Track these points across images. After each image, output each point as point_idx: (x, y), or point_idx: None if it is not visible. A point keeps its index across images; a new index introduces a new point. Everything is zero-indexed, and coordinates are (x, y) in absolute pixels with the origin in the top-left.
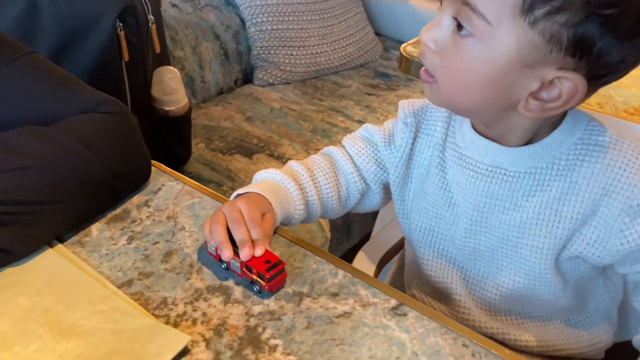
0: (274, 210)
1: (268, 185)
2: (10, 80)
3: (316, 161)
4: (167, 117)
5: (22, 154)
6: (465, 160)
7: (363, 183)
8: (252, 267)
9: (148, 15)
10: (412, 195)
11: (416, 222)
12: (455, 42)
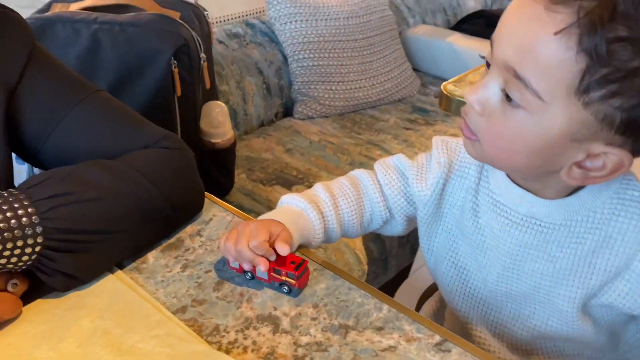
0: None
1: (290, 213)
2: (81, 116)
3: (342, 186)
4: (214, 148)
5: (92, 186)
6: (500, 207)
7: (388, 212)
8: (280, 269)
9: (200, 53)
10: (445, 233)
11: (448, 260)
12: (503, 110)
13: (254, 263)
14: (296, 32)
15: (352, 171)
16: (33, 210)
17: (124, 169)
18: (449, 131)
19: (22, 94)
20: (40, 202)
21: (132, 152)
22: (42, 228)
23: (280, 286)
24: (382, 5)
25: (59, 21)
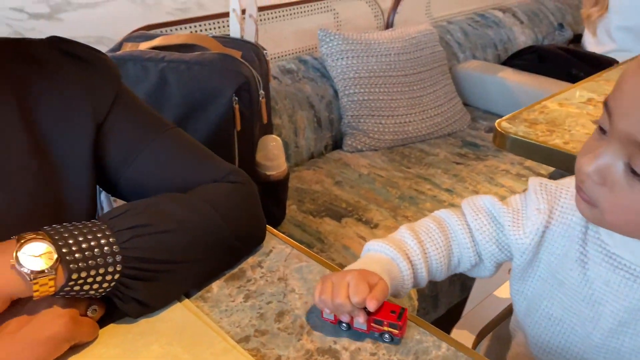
0: (386, 283)
1: (381, 262)
2: (157, 151)
3: (430, 230)
4: (268, 180)
5: (166, 218)
6: (616, 259)
7: (477, 257)
8: (382, 320)
9: (259, 90)
10: (539, 281)
11: (542, 311)
12: (630, 184)
13: (353, 315)
14: (347, 67)
15: (437, 211)
16: (114, 240)
17: (195, 202)
18: (501, 166)
19: (107, 129)
20: (120, 233)
21: (202, 185)
22: (121, 257)
23: (381, 336)
24: (433, 42)
25: (130, 59)
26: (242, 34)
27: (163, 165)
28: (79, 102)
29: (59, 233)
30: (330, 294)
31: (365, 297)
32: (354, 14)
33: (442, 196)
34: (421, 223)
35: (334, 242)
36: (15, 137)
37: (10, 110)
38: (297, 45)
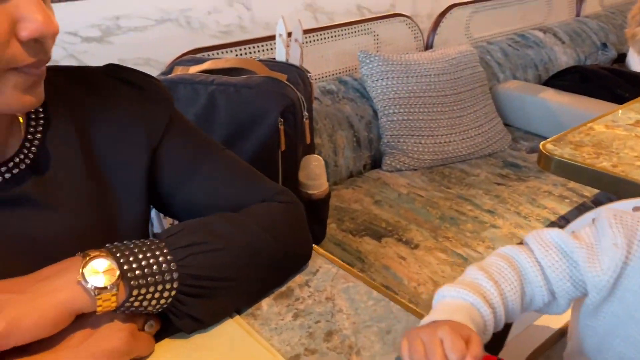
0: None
1: (462, 309)
2: (209, 173)
3: (502, 270)
4: (310, 199)
5: (220, 237)
6: None
7: (550, 296)
8: None
9: (304, 111)
10: (613, 316)
11: (615, 348)
12: None
13: None
14: (387, 88)
15: (503, 248)
16: (171, 258)
17: (247, 222)
18: (543, 188)
19: (161, 153)
20: (177, 251)
21: (253, 205)
22: (178, 274)
23: None
24: (473, 62)
25: (181, 82)
26: (287, 57)
27: (214, 186)
28: (134, 126)
29: (121, 250)
30: (423, 354)
31: (464, 355)
32: (393, 35)
33: (484, 217)
34: (491, 262)
35: (374, 262)
36: (72, 159)
37: (69, 134)
38: (337, 66)
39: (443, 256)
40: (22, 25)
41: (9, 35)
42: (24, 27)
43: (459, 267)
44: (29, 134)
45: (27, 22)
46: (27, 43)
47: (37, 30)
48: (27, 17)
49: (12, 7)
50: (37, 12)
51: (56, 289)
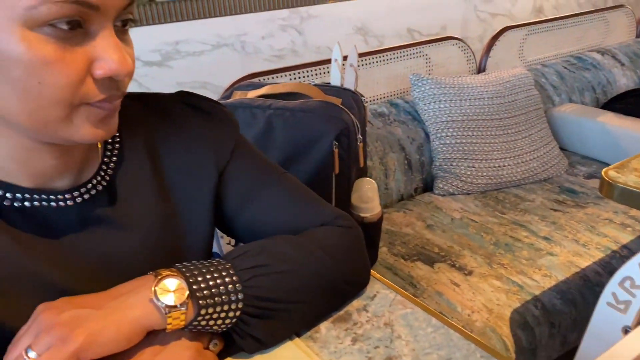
0: None
1: None
2: (271, 196)
3: None
4: (362, 222)
5: (283, 259)
6: None
7: None
8: None
9: (358, 135)
10: None
11: None
12: None
13: None
14: (439, 111)
15: None
16: (237, 279)
17: (308, 245)
18: (603, 215)
19: (227, 176)
20: (242, 272)
21: (313, 229)
22: (243, 295)
23: None
24: (528, 85)
25: (240, 106)
26: (342, 81)
27: (276, 209)
28: (202, 150)
29: (190, 270)
30: None
31: None
32: (445, 58)
33: (540, 244)
34: None
35: (426, 288)
36: (145, 181)
37: (142, 157)
38: (388, 89)
39: (498, 283)
40: (98, 65)
41: (85, 74)
42: (99, 67)
43: (514, 295)
44: (105, 157)
45: (103, 62)
46: (101, 80)
47: (111, 70)
48: (104, 57)
49: (91, 47)
50: (114, 52)
51: (130, 306)
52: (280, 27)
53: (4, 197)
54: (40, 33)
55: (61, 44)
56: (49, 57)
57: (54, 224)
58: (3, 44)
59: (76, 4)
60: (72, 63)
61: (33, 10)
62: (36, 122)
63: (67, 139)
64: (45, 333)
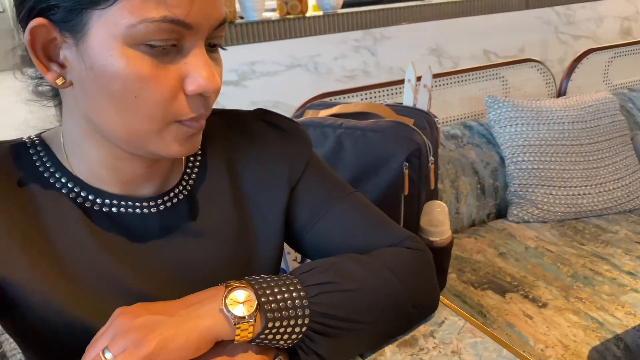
0: None
1: None
2: (340, 213)
3: None
4: (431, 247)
5: (349, 278)
6: None
7: None
8: None
9: (429, 156)
10: None
11: None
12: None
13: None
14: (516, 134)
15: None
16: (304, 294)
17: (376, 265)
18: None
19: (299, 192)
20: (309, 288)
21: (381, 249)
22: (309, 311)
23: None
24: (613, 110)
25: (311, 125)
26: (415, 102)
27: (344, 227)
28: (277, 166)
29: (259, 283)
30: None
31: None
32: (523, 80)
33: (624, 279)
34: None
35: (497, 318)
36: (222, 193)
37: (221, 170)
38: (462, 111)
39: (575, 318)
40: (189, 81)
41: (178, 90)
42: (190, 83)
43: (593, 332)
44: (187, 169)
45: (193, 78)
46: (192, 97)
47: (201, 86)
48: (194, 74)
49: (183, 64)
50: (204, 69)
51: (201, 315)
52: (353, 48)
53: (94, 202)
54: (138, 50)
55: (156, 61)
56: (145, 73)
57: (137, 230)
58: (106, 59)
59: (171, 23)
60: (165, 79)
61: (132, 29)
62: (130, 134)
63: (154, 152)
64: (121, 336)
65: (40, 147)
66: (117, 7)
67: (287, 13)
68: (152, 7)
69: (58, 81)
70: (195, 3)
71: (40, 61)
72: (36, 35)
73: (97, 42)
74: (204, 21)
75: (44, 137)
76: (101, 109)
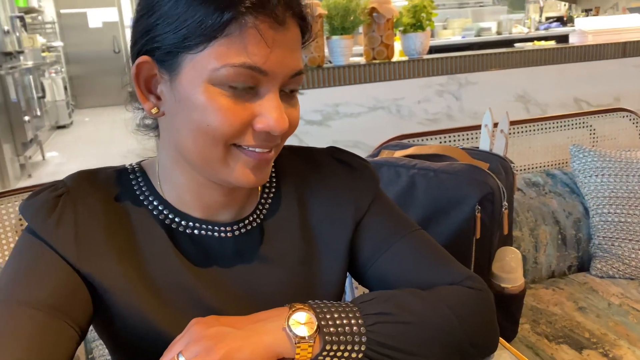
0: None
1: None
2: (403, 249)
3: None
4: (502, 293)
5: (408, 311)
6: None
7: None
8: None
9: (503, 201)
10: None
11: None
12: None
13: None
14: (602, 185)
15: None
16: (362, 322)
17: (435, 301)
18: None
19: (363, 226)
20: (368, 317)
21: (441, 286)
22: (366, 339)
23: None
24: None
25: (385, 164)
26: (491, 147)
27: (406, 262)
28: (344, 201)
29: (320, 307)
30: None
31: None
32: (612, 130)
33: None
34: None
35: None
36: (292, 222)
37: (292, 202)
38: (545, 159)
39: None
40: (259, 120)
41: (247, 125)
42: (259, 121)
43: None
44: (262, 199)
45: (263, 118)
46: (258, 133)
47: (269, 127)
48: (265, 114)
49: (257, 104)
50: (274, 112)
51: (266, 331)
52: (437, 92)
53: (179, 224)
54: (219, 88)
55: (233, 98)
56: (222, 106)
57: (214, 251)
58: (191, 93)
59: (249, 69)
60: (238, 114)
61: (216, 71)
62: (202, 160)
63: (225, 180)
64: (194, 343)
65: (139, 174)
66: (206, 52)
67: (373, 58)
68: (234, 54)
69: (153, 110)
70: (273, 54)
71: (141, 92)
72: (141, 70)
73: (187, 80)
74: (280, 70)
75: (142, 165)
76: (183, 136)
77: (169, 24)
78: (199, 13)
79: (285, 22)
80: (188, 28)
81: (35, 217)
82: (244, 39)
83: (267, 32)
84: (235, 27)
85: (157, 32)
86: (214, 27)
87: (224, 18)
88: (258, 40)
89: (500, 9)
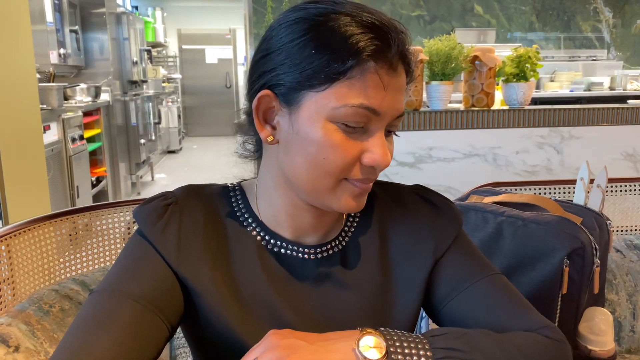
0: None
1: None
2: (481, 290)
3: None
4: (589, 356)
5: (480, 352)
6: None
7: None
8: None
9: (595, 258)
10: None
11: None
12: None
13: None
14: None
15: None
16: (430, 355)
17: (508, 346)
18: None
19: (442, 263)
20: (437, 350)
21: (517, 332)
22: None
23: None
24: None
25: (472, 209)
26: (586, 201)
27: (482, 304)
28: (425, 238)
29: (390, 335)
30: None
31: None
32: None
33: None
34: None
35: None
36: (372, 251)
37: (373, 233)
38: None
39: None
40: (367, 155)
41: (356, 160)
42: (367, 157)
43: None
44: (345, 226)
45: (371, 154)
46: (365, 167)
47: (375, 161)
48: (373, 150)
49: (366, 141)
50: (380, 149)
51: (336, 350)
52: (537, 144)
53: (268, 242)
54: (335, 125)
55: (347, 135)
56: (337, 142)
57: (297, 271)
58: (310, 128)
59: (366, 109)
60: (349, 150)
61: (336, 110)
62: (312, 188)
63: (328, 206)
64: (269, 351)
65: (239, 192)
66: (328, 92)
67: (472, 105)
68: (354, 95)
69: (268, 138)
70: (386, 97)
71: (259, 121)
72: (261, 102)
73: (306, 115)
74: (389, 111)
75: (242, 185)
76: (296, 164)
77: (295, 65)
78: (325, 57)
79: (397, 68)
80: (314, 69)
81: (145, 222)
82: (364, 82)
83: (384, 77)
84: (357, 72)
85: (282, 70)
86: (338, 71)
87: (349, 64)
88: (377, 84)
89: (616, 64)
